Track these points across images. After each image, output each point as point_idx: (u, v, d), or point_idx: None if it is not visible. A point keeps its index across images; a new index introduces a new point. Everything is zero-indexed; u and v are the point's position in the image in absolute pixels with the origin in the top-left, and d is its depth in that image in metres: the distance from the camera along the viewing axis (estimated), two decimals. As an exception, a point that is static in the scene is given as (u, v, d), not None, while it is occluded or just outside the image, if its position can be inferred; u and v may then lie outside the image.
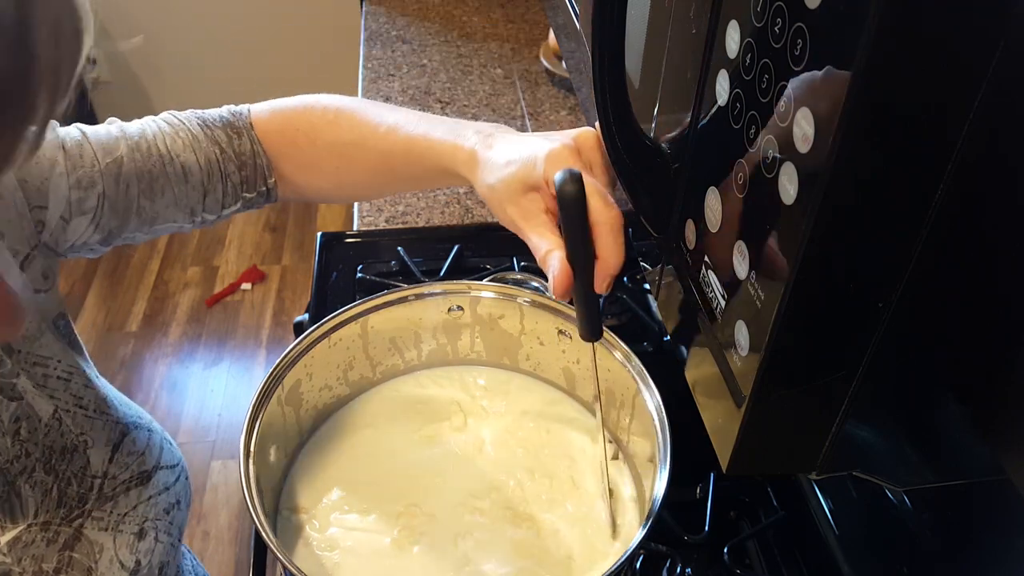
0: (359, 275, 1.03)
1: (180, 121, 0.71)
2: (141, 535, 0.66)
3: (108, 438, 0.66)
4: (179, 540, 0.73)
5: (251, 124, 0.74)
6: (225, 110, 0.75)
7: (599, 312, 0.63)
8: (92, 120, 0.68)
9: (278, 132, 0.75)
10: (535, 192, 0.62)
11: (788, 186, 0.34)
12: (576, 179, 0.56)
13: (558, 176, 0.56)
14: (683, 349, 0.50)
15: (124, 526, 0.65)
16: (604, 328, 0.68)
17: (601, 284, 0.59)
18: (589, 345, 0.72)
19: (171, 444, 0.73)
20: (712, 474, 0.79)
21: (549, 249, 0.60)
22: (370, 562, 0.66)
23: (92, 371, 0.67)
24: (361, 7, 1.72)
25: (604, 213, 0.58)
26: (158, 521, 0.68)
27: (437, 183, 0.76)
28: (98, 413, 0.66)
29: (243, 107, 0.76)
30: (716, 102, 0.41)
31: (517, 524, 0.68)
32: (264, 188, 0.75)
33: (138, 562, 0.66)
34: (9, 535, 0.60)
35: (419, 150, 0.70)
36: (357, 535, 0.67)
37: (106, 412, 0.67)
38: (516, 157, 0.63)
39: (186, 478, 0.74)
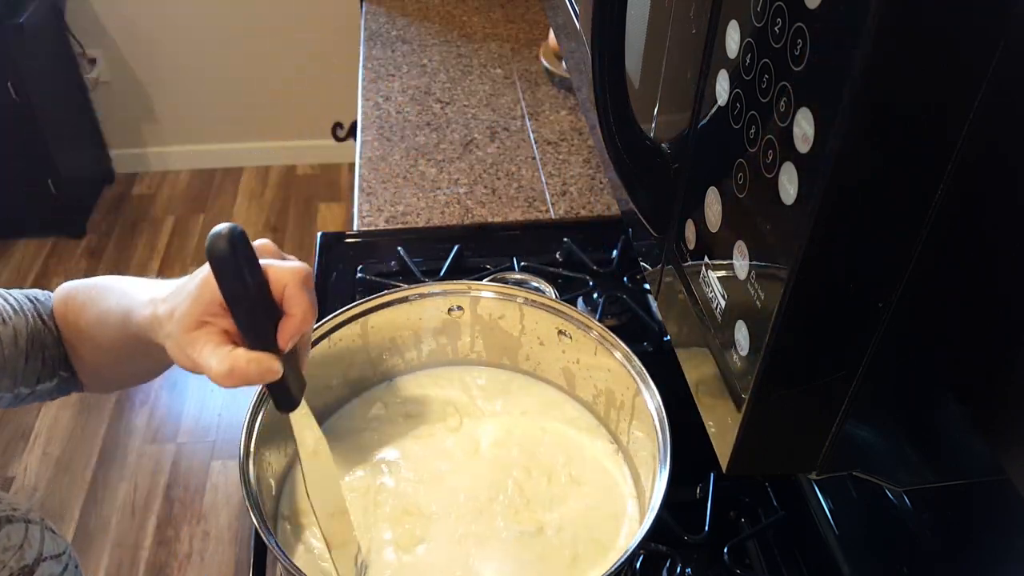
0: (359, 275, 1.03)
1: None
2: None
3: None
4: None
5: (52, 310, 0.72)
6: (30, 293, 0.72)
7: (298, 378, 0.59)
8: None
9: (61, 316, 0.72)
10: (209, 323, 0.56)
11: (788, 186, 0.34)
12: (226, 235, 0.51)
13: (209, 237, 0.51)
14: (683, 349, 0.50)
15: None
16: (602, 327, 0.67)
17: (286, 340, 0.55)
18: (589, 345, 0.72)
19: (54, 533, 0.69)
20: (712, 474, 0.79)
21: (224, 358, 0.54)
22: (371, 564, 0.66)
23: None
24: (361, 7, 1.72)
25: (284, 270, 0.55)
26: None
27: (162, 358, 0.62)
28: None
29: (45, 293, 0.73)
30: (716, 102, 0.41)
31: (518, 524, 0.68)
32: (67, 373, 0.72)
33: None
34: None
35: (132, 327, 0.63)
36: (356, 535, 0.67)
37: None
38: (180, 292, 0.58)
39: (76, 566, 0.70)
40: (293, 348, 0.57)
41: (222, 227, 0.51)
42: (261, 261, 0.55)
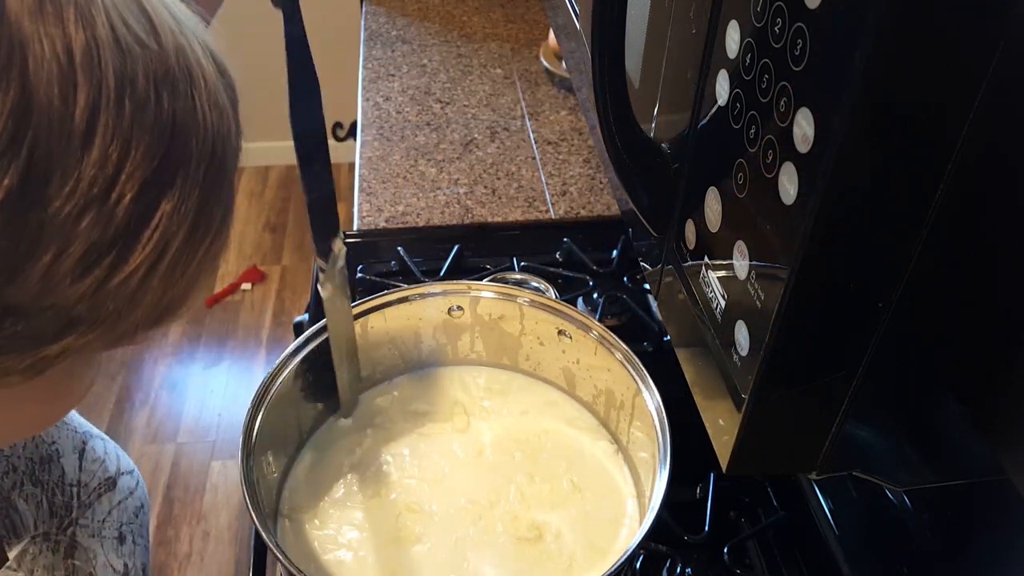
0: (359, 275, 1.03)
1: None
2: (121, 540, 0.68)
3: (73, 446, 0.67)
4: (147, 543, 0.74)
5: None
6: None
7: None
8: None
9: None
10: None
11: (788, 186, 0.34)
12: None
13: None
14: (683, 349, 0.50)
15: (106, 531, 0.67)
16: (602, 327, 0.68)
17: None
18: (589, 345, 0.72)
19: (122, 452, 0.74)
20: (712, 474, 0.79)
21: None
22: (369, 563, 0.66)
23: None
24: (361, 7, 1.72)
25: None
26: (131, 525, 0.70)
27: None
28: (61, 422, 0.67)
29: None
30: (716, 102, 0.41)
31: (517, 525, 0.68)
32: None
33: (125, 565, 0.67)
34: (16, 549, 0.61)
35: None
36: (357, 535, 0.67)
37: (66, 421, 0.68)
38: None
39: (142, 482, 0.75)
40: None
41: None
42: None
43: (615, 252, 1.06)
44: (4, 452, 0.61)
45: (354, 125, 1.76)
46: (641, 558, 0.74)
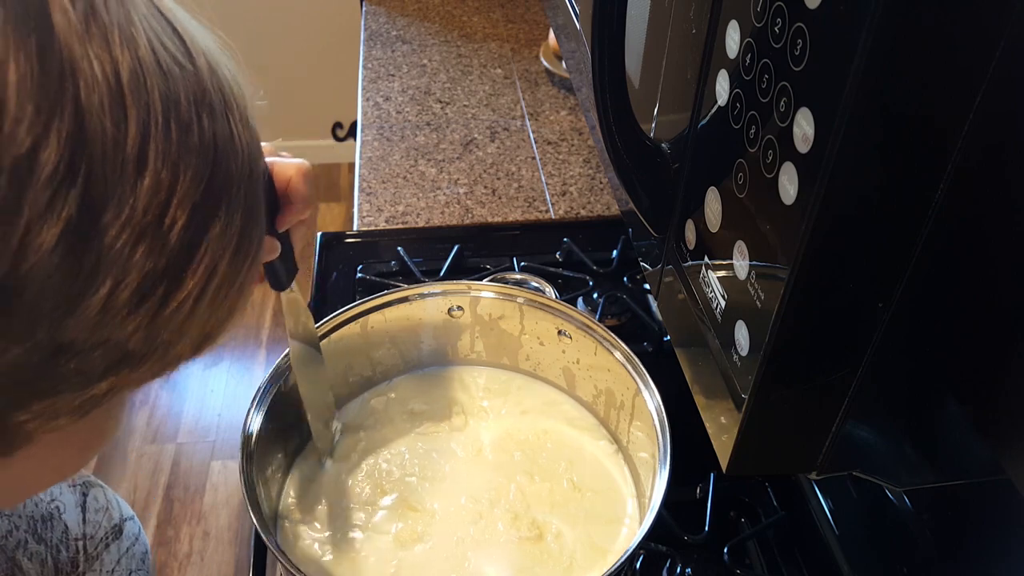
0: (359, 275, 1.03)
1: None
2: None
3: (75, 501, 0.66)
4: None
5: None
6: None
7: (290, 261, 0.61)
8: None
9: None
10: None
11: (788, 186, 0.34)
12: None
13: None
14: (683, 349, 0.50)
15: None
16: (602, 327, 0.67)
17: (284, 225, 0.58)
18: (589, 345, 0.72)
19: (120, 498, 0.73)
20: (712, 474, 0.79)
21: None
22: (370, 563, 0.66)
23: None
24: (361, 7, 1.72)
25: (287, 164, 0.57)
26: (140, 572, 0.69)
27: None
28: None
29: None
30: (716, 102, 0.41)
31: (517, 525, 0.68)
32: None
33: None
34: None
35: None
36: (357, 535, 0.67)
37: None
38: None
39: (142, 529, 0.74)
40: (287, 234, 0.59)
41: None
42: (266, 158, 0.56)
43: (615, 252, 1.06)
44: (5, 512, 0.60)
45: (354, 125, 1.77)
46: (641, 558, 0.74)
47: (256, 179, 0.34)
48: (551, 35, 1.47)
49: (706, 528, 0.76)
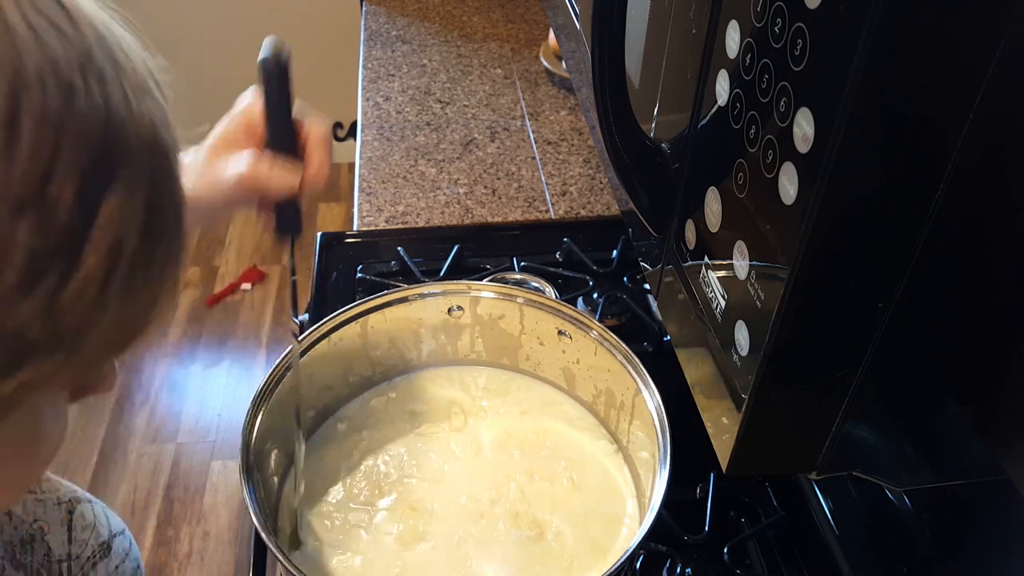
0: (359, 275, 1.03)
1: None
2: None
3: (60, 519, 0.63)
4: None
5: None
6: None
7: (299, 212, 0.62)
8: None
9: None
10: (234, 147, 0.61)
11: (788, 186, 0.34)
12: (280, 46, 0.56)
13: (264, 44, 0.56)
14: (683, 349, 0.50)
15: None
16: (602, 327, 0.67)
17: (303, 187, 0.59)
18: (589, 345, 0.72)
19: (111, 512, 0.70)
20: (712, 474, 0.79)
21: (250, 160, 0.59)
22: (370, 563, 0.66)
23: None
24: (361, 7, 1.72)
25: (311, 119, 0.57)
26: None
27: None
28: (44, 495, 0.63)
29: None
30: (716, 102, 0.41)
31: (518, 525, 0.68)
32: None
33: None
34: None
35: None
36: (357, 536, 0.67)
37: (48, 493, 0.64)
38: (201, 147, 0.63)
39: (134, 543, 0.71)
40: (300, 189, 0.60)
41: (276, 40, 0.55)
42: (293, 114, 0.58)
43: (615, 252, 1.06)
44: None
45: (354, 125, 1.77)
46: (641, 558, 0.74)
47: (163, 155, 0.32)
48: (551, 35, 1.47)
49: (706, 528, 0.76)
